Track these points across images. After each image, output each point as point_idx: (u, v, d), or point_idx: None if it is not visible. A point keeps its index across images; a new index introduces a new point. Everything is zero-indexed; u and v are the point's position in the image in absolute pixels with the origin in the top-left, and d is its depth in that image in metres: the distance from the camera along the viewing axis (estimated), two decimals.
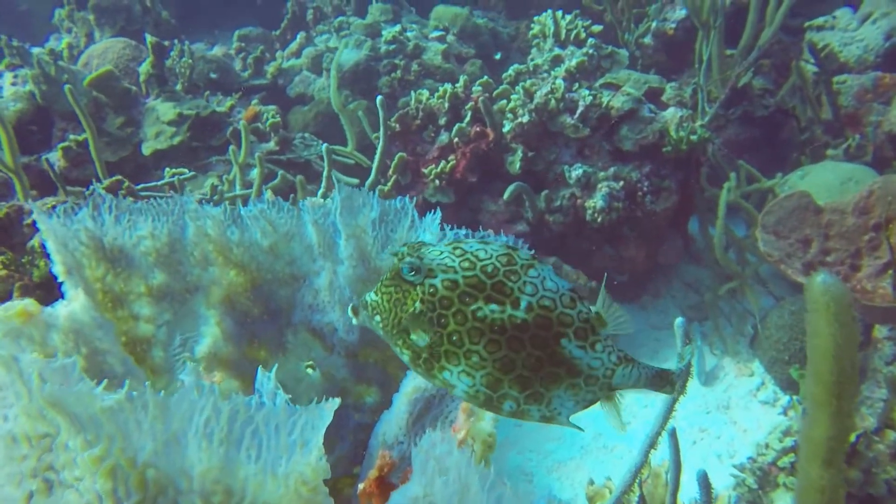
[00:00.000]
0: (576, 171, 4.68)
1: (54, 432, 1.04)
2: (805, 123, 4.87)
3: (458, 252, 1.43)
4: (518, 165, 4.77)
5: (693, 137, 4.55)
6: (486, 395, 1.39)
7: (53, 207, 1.69)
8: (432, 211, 1.77)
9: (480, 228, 4.92)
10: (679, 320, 2.30)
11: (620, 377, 1.50)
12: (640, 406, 4.44)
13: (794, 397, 4.11)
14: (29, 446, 1.03)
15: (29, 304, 1.48)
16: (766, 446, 3.65)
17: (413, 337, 1.36)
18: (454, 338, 1.37)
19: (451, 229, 1.70)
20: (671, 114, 4.70)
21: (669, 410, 2.39)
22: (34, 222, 3.86)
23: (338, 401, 1.11)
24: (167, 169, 4.37)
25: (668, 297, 5.06)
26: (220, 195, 4.18)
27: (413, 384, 1.82)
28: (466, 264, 1.41)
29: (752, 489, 3.56)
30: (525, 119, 4.67)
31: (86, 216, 1.75)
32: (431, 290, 1.37)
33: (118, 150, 4.90)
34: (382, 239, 1.91)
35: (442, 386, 1.36)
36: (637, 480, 2.47)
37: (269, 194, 1.89)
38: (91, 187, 3.99)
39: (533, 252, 1.53)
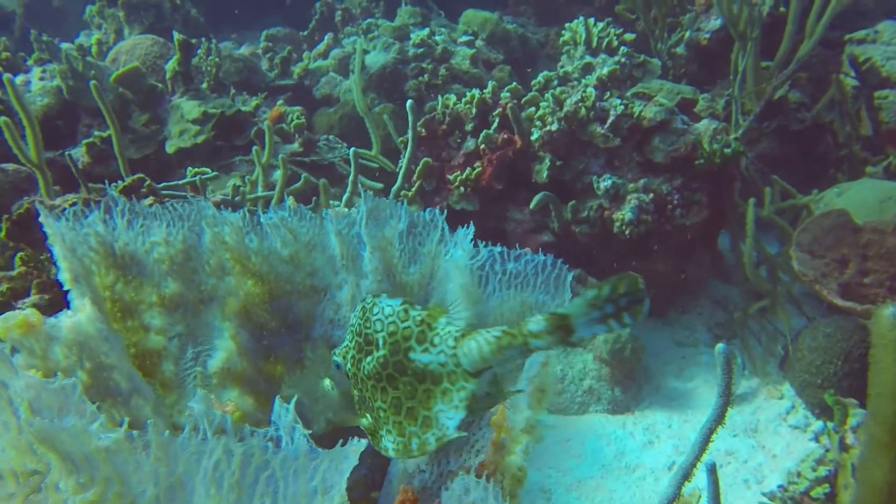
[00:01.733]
0: (605, 182, 4.52)
1: (45, 469, 0.92)
2: (843, 139, 4.68)
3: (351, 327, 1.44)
4: (545, 174, 4.61)
5: (727, 151, 4.38)
6: (403, 444, 1.34)
7: (63, 210, 1.57)
8: (464, 226, 1.64)
9: (506, 239, 4.77)
10: (720, 346, 2.14)
11: (465, 358, 1.35)
12: (664, 426, 4.26)
13: (829, 424, 3.91)
14: (16, 484, 0.91)
15: (30, 314, 1.36)
16: (798, 475, 3.46)
17: (364, 423, 1.37)
18: (370, 404, 1.39)
19: (485, 245, 1.57)
20: (704, 126, 4.53)
21: (706, 440, 2.23)
22: None
23: (364, 443, 0.98)
24: (189, 168, 4.28)
25: (694, 313, 4.88)
26: (242, 196, 4.07)
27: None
28: (351, 334, 1.43)
29: None
30: (554, 127, 4.52)
31: (96, 220, 1.63)
32: (352, 376, 1.41)
33: (142, 148, 4.82)
34: (410, 252, 1.78)
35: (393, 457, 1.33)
36: None
37: (290, 201, 1.77)
38: (108, 186, 3.90)
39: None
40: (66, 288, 1.50)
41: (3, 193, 4.64)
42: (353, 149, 3.44)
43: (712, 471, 2.12)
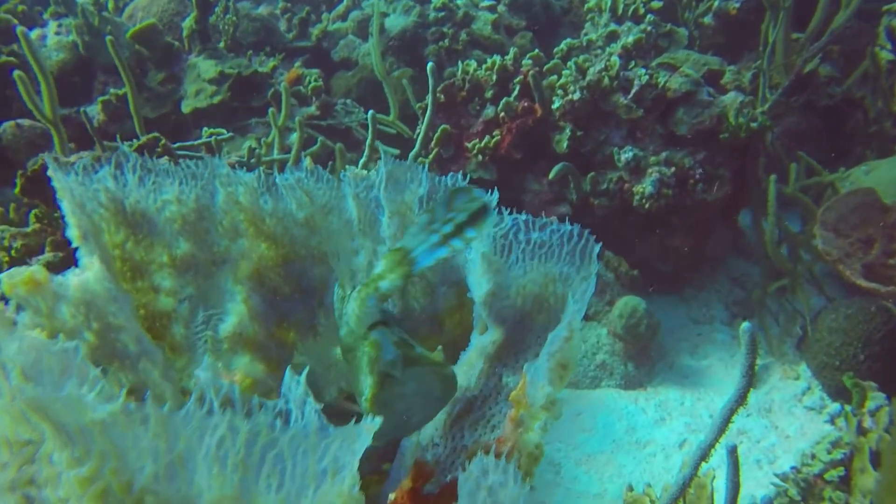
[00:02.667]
0: (625, 154, 4.40)
1: (39, 439, 0.86)
2: (874, 115, 4.52)
3: None
4: (565, 144, 4.50)
5: (753, 125, 4.24)
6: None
7: (73, 164, 1.51)
8: (489, 192, 1.56)
9: (523, 209, 4.69)
10: (745, 325, 2.05)
11: (351, 322, 1.32)
12: (677, 403, 4.20)
13: (846, 406, 3.84)
14: (9, 453, 0.86)
15: (37, 271, 1.30)
16: (813, 457, 3.39)
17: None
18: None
19: (509, 212, 1.49)
20: (731, 98, 4.39)
21: (726, 420, 2.16)
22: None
23: (379, 420, 0.92)
24: (205, 129, 4.20)
25: (711, 290, 4.79)
26: (258, 158, 4.00)
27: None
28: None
29: (794, 500, 3.32)
30: (576, 96, 4.39)
31: (107, 175, 1.57)
32: None
33: (158, 107, 4.74)
34: None
35: None
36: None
37: (308, 162, 1.69)
38: (122, 144, 3.84)
39: None
40: (74, 245, 1.44)
41: (19, 149, 4.59)
42: (370, 112, 3.34)
43: (733, 452, 2.05)
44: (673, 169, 4.35)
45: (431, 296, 1.76)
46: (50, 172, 1.51)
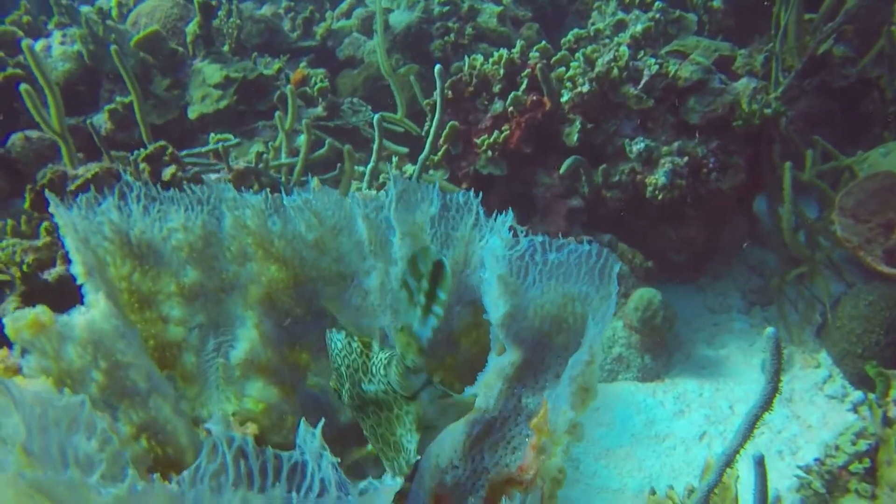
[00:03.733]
0: (637, 146, 4.32)
1: None
2: (891, 95, 4.41)
3: None
4: (575, 137, 4.42)
5: (767, 111, 4.15)
6: (390, 468, 1.42)
7: (75, 197, 1.46)
8: (502, 213, 1.50)
9: (534, 204, 4.59)
10: (770, 330, 1.98)
11: (395, 385, 1.34)
12: (695, 395, 4.14)
13: (870, 395, 3.76)
14: None
15: (41, 313, 1.26)
16: (837, 448, 3.33)
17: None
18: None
19: (525, 235, 1.43)
20: (743, 85, 4.29)
21: (751, 427, 2.10)
22: (76, 191, 3.69)
23: (399, 482, 0.87)
24: (212, 134, 4.15)
25: (728, 279, 4.71)
26: (266, 163, 3.95)
27: (473, 404, 1.57)
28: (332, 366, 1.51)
29: (818, 493, 3.26)
30: (585, 88, 4.31)
31: (111, 207, 1.52)
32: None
33: (164, 114, 4.70)
34: (442, 237, 1.65)
35: None
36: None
37: (315, 182, 1.63)
38: (130, 155, 3.81)
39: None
40: (79, 282, 1.40)
41: (28, 161, 4.57)
42: (377, 115, 3.28)
43: (760, 463, 1.99)
44: (686, 158, 4.26)
45: (447, 315, 1.70)
46: (52, 209, 1.46)
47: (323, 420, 0.92)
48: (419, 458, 1.33)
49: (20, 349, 1.25)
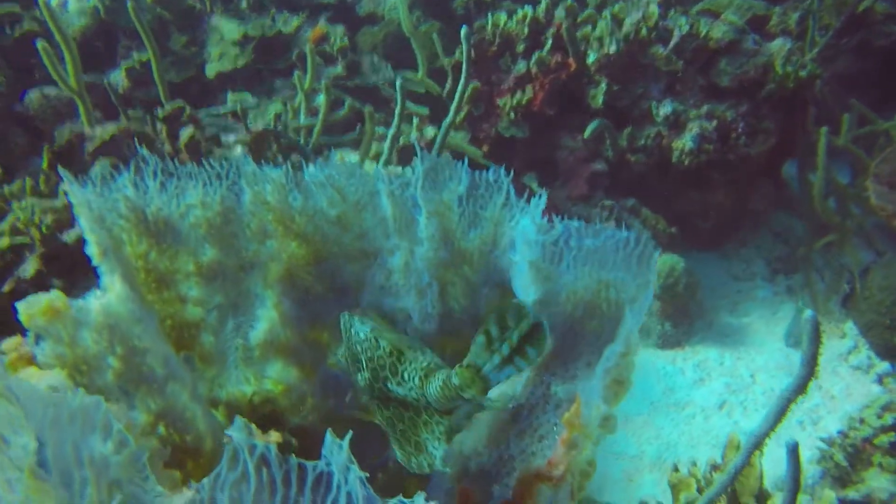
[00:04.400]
0: (664, 109, 4.17)
1: None
2: None
3: None
4: (601, 100, 4.27)
5: (802, 73, 3.97)
6: (405, 459, 1.40)
7: (89, 171, 1.39)
8: (537, 196, 1.41)
9: (557, 167, 4.47)
10: (809, 313, 1.89)
11: (432, 399, 1.31)
12: (716, 363, 4.07)
13: None
14: None
15: (55, 298, 1.20)
16: (861, 421, 3.26)
17: None
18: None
19: (561, 220, 1.35)
20: (778, 46, 4.09)
21: (783, 410, 2.02)
22: (94, 152, 3.62)
23: None
24: (230, 94, 4.05)
25: (753, 246, 4.59)
26: (285, 125, 3.85)
27: (499, 390, 1.51)
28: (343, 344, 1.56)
29: (839, 465, 3.20)
30: (612, 49, 4.14)
31: (126, 183, 1.45)
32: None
33: (182, 71, 4.58)
34: (470, 216, 1.56)
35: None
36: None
37: (338, 156, 1.54)
38: (150, 113, 3.72)
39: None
40: (94, 264, 1.34)
41: (46, 118, 4.49)
42: (399, 80, 3.16)
43: (794, 451, 1.92)
44: (715, 122, 4.10)
45: (473, 297, 1.63)
46: (65, 187, 1.39)
47: (350, 432, 0.85)
48: (443, 468, 1.33)
49: (34, 336, 1.19)
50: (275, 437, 0.91)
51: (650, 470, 3.59)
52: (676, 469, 2.43)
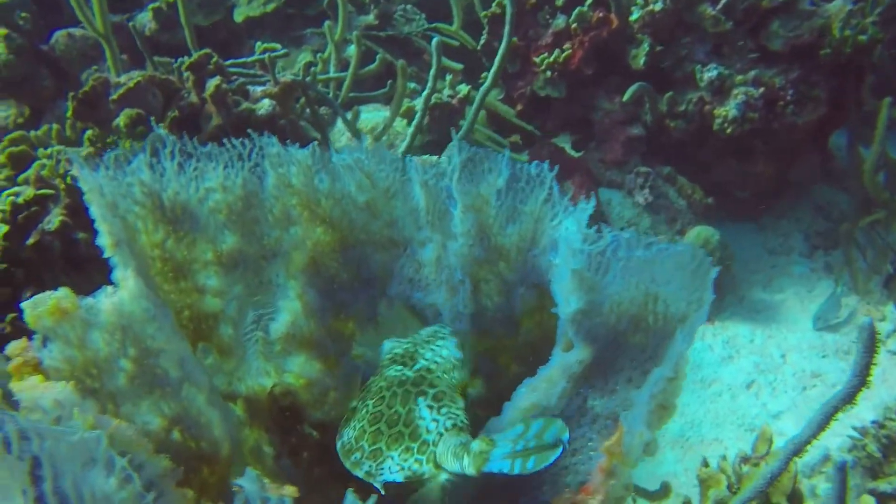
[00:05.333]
0: (709, 73, 3.92)
1: None
2: None
3: None
4: (642, 61, 4.04)
5: (861, 38, 3.69)
6: (350, 449, 1.36)
7: (102, 155, 1.27)
8: (584, 201, 1.27)
9: (592, 129, 4.26)
10: (866, 319, 1.74)
11: (443, 446, 1.30)
12: (746, 340, 3.94)
13: None
14: None
15: (63, 298, 1.11)
16: None
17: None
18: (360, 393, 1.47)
19: (609, 230, 1.21)
20: (837, 7, 3.81)
21: (828, 418, 1.90)
22: (118, 101, 3.50)
23: None
24: (258, 43, 3.88)
25: (792, 219, 4.39)
26: (314, 76, 3.69)
27: (531, 399, 1.40)
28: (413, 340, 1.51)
29: (872, 456, 3.09)
30: (658, 6, 3.88)
31: (142, 165, 1.33)
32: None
33: (210, 14, 4.40)
34: (508, 210, 1.43)
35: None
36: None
37: (368, 141, 1.42)
38: (174, 62, 3.57)
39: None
40: (107, 255, 1.24)
41: (72, 60, 4.37)
42: (436, 39, 2.97)
43: (841, 470, 1.81)
44: (762, 89, 3.86)
45: (508, 296, 1.51)
46: (75, 171, 1.28)
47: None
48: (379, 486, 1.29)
49: (41, 338, 1.11)
50: (290, 491, 0.83)
51: (672, 447, 3.51)
52: (706, 464, 2.34)
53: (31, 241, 2.94)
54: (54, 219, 3.09)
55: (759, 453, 2.54)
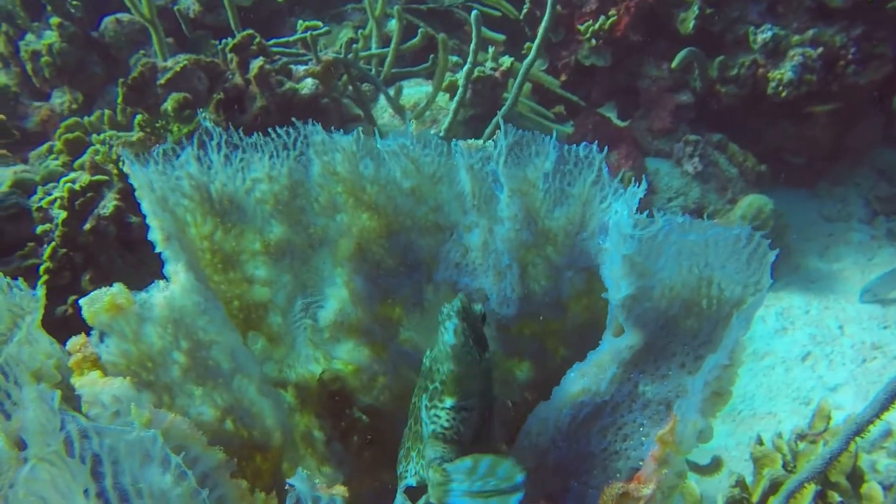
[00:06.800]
0: (763, 34, 3.76)
1: None
2: None
3: None
4: (691, 24, 3.89)
5: None
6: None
7: (153, 150, 1.28)
8: (635, 185, 1.22)
9: (638, 96, 4.14)
10: None
11: (425, 470, 1.23)
12: (801, 311, 3.82)
13: None
14: None
15: (118, 294, 1.13)
16: None
17: None
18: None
19: (662, 213, 1.17)
20: None
21: (892, 396, 1.82)
22: (168, 83, 3.54)
23: None
24: (300, 21, 3.86)
25: (851, 184, 4.21)
26: (356, 53, 3.66)
27: (581, 384, 1.38)
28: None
29: None
30: None
31: (190, 158, 1.34)
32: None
33: None
34: (556, 193, 1.40)
35: None
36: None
37: (413, 126, 1.39)
38: (218, 44, 3.59)
39: None
40: (158, 250, 1.25)
41: (121, 46, 4.43)
42: (475, 10, 2.90)
43: None
44: (820, 49, 3.68)
45: (556, 279, 1.48)
46: (126, 169, 1.29)
47: None
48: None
49: (98, 333, 1.13)
50: (340, 490, 0.83)
51: (723, 421, 3.45)
52: (761, 442, 2.29)
53: (87, 226, 3.03)
54: (109, 204, 3.17)
55: (817, 430, 2.48)
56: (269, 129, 1.41)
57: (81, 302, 1.12)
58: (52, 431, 0.79)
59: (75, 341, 1.11)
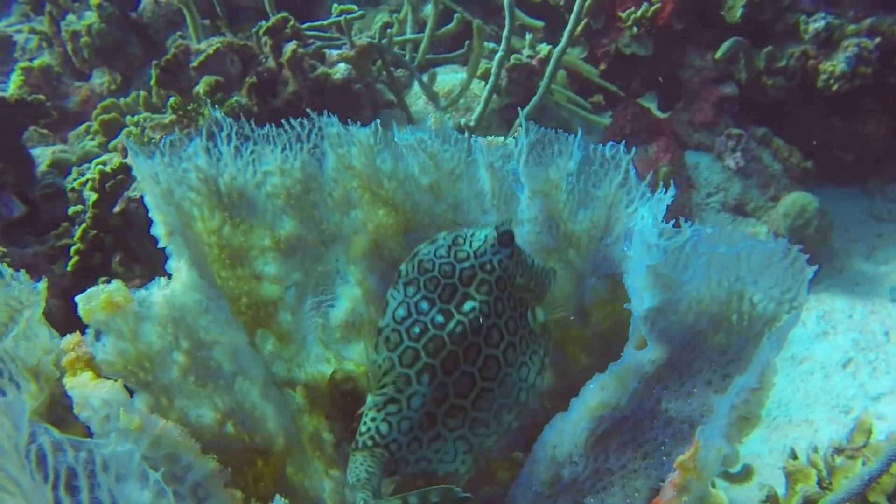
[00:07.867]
0: (816, 23, 3.57)
1: None
2: None
3: None
4: (739, 13, 3.71)
5: None
6: None
7: (160, 141, 1.24)
8: (662, 191, 1.13)
9: (680, 87, 3.98)
10: None
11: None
12: (844, 315, 3.65)
13: None
14: None
15: (115, 292, 1.09)
16: None
17: None
18: None
19: (688, 222, 1.08)
20: None
21: None
22: (201, 66, 3.52)
23: None
24: (335, 5, 3.80)
25: None
26: (390, 38, 3.59)
27: (601, 398, 1.30)
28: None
29: None
30: None
31: (199, 150, 1.28)
32: None
33: None
34: (580, 194, 1.31)
35: None
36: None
37: (432, 120, 1.32)
38: (253, 28, 3.55)
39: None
40: (161, 245, 1.21)
41: (159, 27, 4.43)
42: None
43: None
44: (878, 40, 3.48)
45: (578, 285, 1.41)
46: (130, 159, 1.25)
47: None
48: None
49: (94, 332, 1.09)
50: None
51: (756, 426, 3.32)
52: (794, 455, 2.17)
53: (117, 208, 3.03)
54: (138, 186, 3.17)
55: (856, 444, 2.34)
56: (283, 122, 1.35)
57: (77, 299, 1.08)
58: (8, 451, 0.74)
59: (70, 340, 1.07)
